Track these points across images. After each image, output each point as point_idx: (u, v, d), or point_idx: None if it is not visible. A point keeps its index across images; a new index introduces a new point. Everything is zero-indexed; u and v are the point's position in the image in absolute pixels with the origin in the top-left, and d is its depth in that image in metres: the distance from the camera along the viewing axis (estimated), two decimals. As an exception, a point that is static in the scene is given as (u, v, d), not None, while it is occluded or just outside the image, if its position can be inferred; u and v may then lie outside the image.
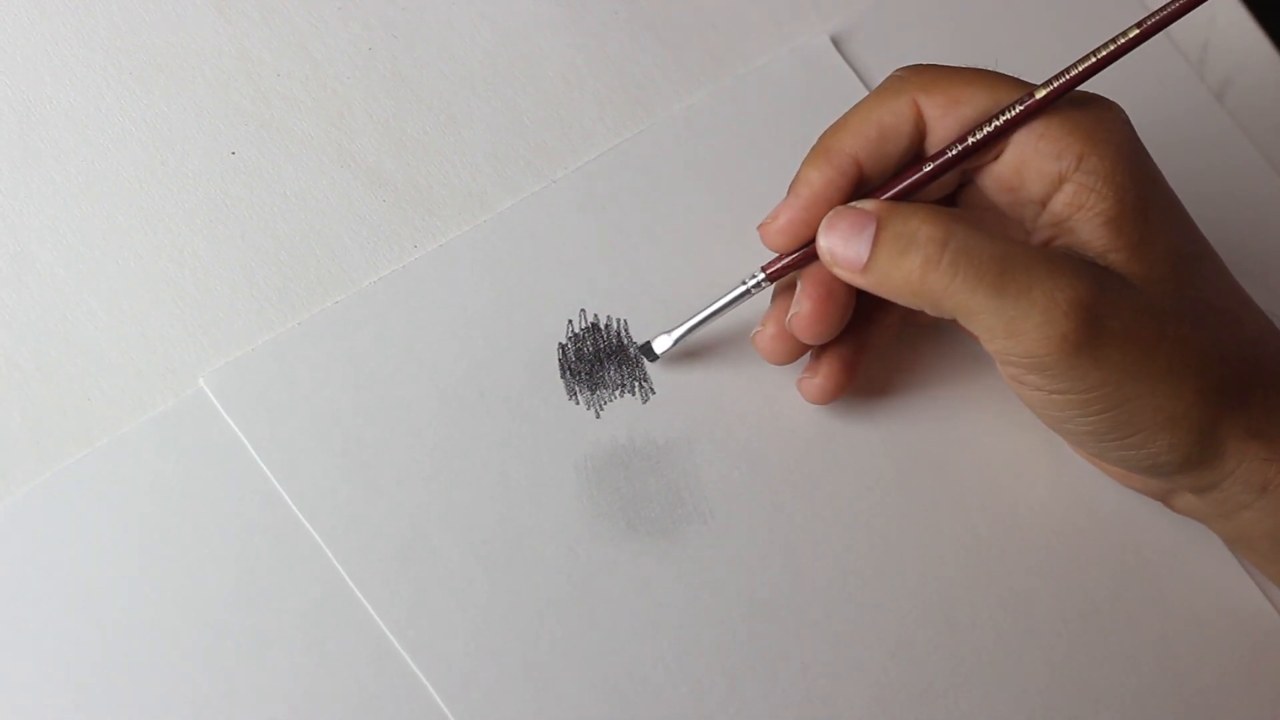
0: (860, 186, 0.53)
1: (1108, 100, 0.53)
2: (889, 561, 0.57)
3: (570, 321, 0.57)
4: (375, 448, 0.54)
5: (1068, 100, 0.52)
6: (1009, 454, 0.60)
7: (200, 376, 0.53)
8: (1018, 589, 0.58)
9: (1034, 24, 0.67)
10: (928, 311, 0.51)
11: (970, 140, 0.52)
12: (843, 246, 0.51)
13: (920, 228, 0.50)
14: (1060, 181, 0.52)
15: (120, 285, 0.53)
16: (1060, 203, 0.52)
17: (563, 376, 0.57)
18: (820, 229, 0.52)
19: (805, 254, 0.54)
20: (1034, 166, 0.52)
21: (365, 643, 0.52)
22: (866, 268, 0.51)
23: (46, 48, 0.55)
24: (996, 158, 0.53)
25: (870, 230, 0.51)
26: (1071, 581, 0.59)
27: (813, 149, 0.54)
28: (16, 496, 0.50)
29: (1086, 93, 0.52)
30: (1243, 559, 0.60)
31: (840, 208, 0.52)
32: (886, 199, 0.53)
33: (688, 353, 0.57)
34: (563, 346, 0.57)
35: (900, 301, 0.52)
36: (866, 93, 0.62)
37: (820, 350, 0.56)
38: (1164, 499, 0.58)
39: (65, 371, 0.52)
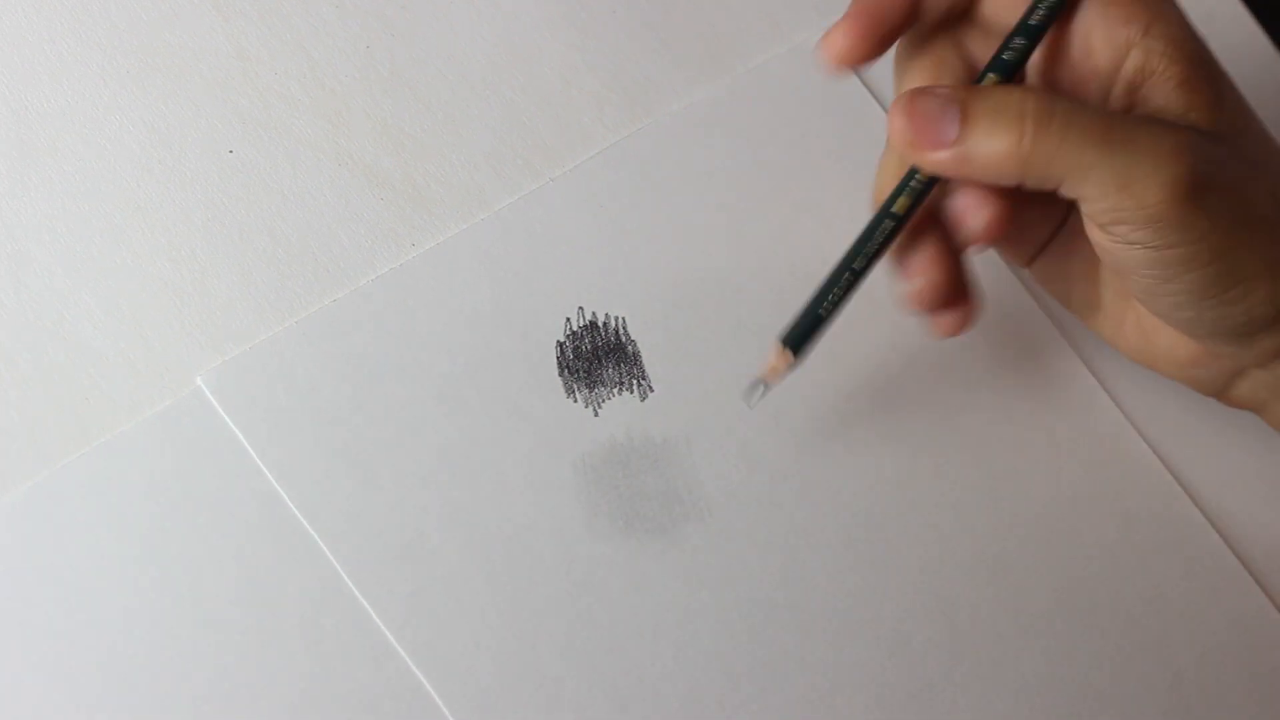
0: (916, 12, 0.53)
1: None
2: (888, 560, 0.58)
3: (568, 320, 0.57)
4: (373, 446, 0.54)
5: None
6: (1009, 452, 0.60)
7: (198, 375, 0.53)
8: (1016, 588, 0.58)
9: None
10: (1027, 183, 0.51)
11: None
12: (924, 123, 0.51)
13: (1026, 98, 0.51)
14: (1128, 48, 0.53)
15: (118, 284, 0.53)
16: (1131, 69, 0.53)
17: (561, 374, 0.57)
18: (895, 111, 0.52)
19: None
20: (1101, 34, 0.53)
21: (363, 641, 0.52)
22: (958, 141, 0.51)
23: (43, 47, 0.55)
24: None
25: (953, 105, 0.51)
26: (1070, 580, 0.59)
27: None
28: (15, 495, 0.50)
29: None
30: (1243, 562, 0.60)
31: (913, 90, 0.52)
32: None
33: (686, 351, 0.57)
34: (561, 345, 0.57)
35: (992, 176, 0.52)
36: (864, 91, 0.62)
37: (965, 196, 0.55)
38: (1225, 387, 0.57)
39: (63, 370, 0.52)
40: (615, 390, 0.57)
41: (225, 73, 0.57)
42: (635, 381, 0.57)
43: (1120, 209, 0.51)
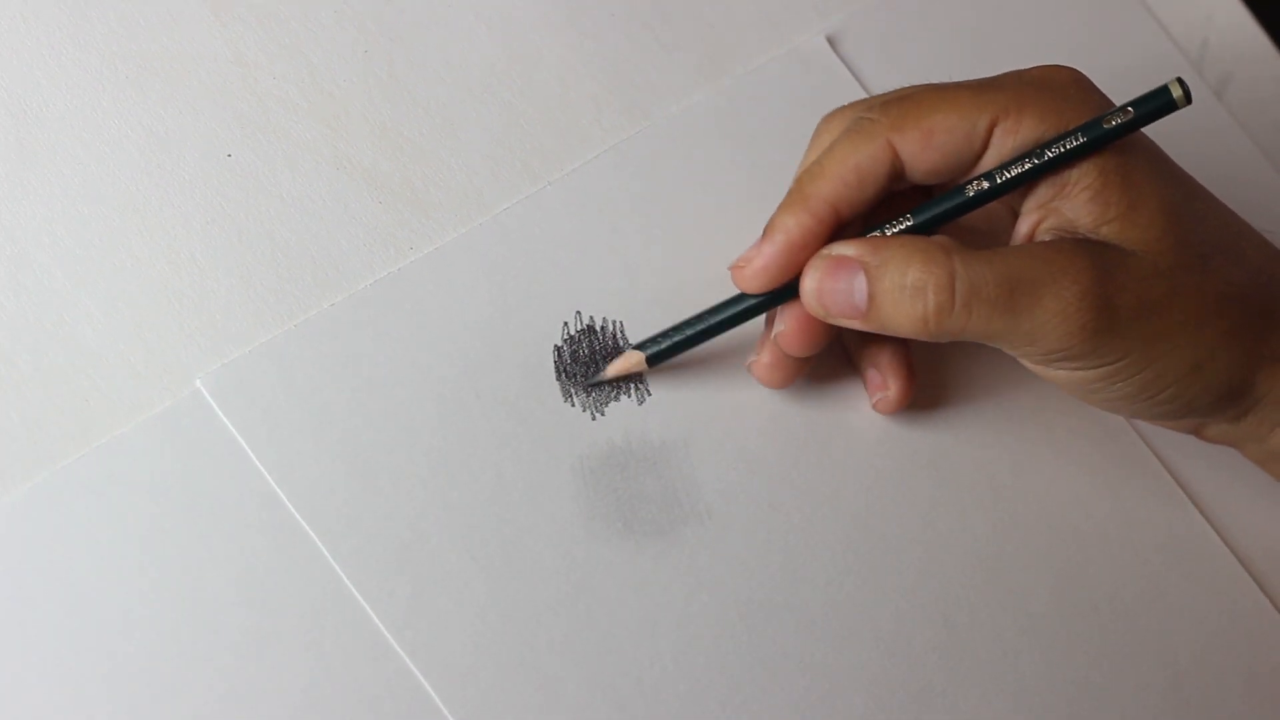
0: (836, 230, 0.54)
1: (1066, 70, 0.53)
2: (887, 561, 0.57)
3: (566, 324, 0.57)
4: (372, 449, 0.54)
5: (1031, 83, 0.52)
6: (1007, 453, 0.60)
7: (197, 377, 0.53)
8: (1016, 588, 0.58)
9: (1029, 22, 0.67)
10: (944, 342, 0.53)
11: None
12: (834, 299, 0.52)
13: (926, 277, 0.51)
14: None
15: (117, 287, 0.54)
16: (1044, 185, 0.53)
17: (559, 378, 0.57)
18: (804, 284, 0.53)
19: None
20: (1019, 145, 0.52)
21: (363, 643, 0.52)
22: (868, 315, 0.52)
23: (42, 51, 0.56)
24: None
25: (859, 277, 0.52)
26: (1070, 580, 0.59)
27: (789, 195, 0.54)
28: (14, 497, 0.50)
29: (1044, 68, 0.53)
30: (1238, 555, 0.60)
31: (818, 258, 0.53)
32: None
33: (683, 354, 0.57)
34: (559, 349, 0.57)
35: (909, 337, 0.53)
36: (863, 93, 0.63)
37: (878, 364, 0.57)
38: (1195, 431, 0.58)
39: (63, 373, 0.52)
40: (613, 394, 0.57)
41: (223, 77, 0.57)
42: (633, 385, 0.57)
43: (1034, 355, 0.52)
